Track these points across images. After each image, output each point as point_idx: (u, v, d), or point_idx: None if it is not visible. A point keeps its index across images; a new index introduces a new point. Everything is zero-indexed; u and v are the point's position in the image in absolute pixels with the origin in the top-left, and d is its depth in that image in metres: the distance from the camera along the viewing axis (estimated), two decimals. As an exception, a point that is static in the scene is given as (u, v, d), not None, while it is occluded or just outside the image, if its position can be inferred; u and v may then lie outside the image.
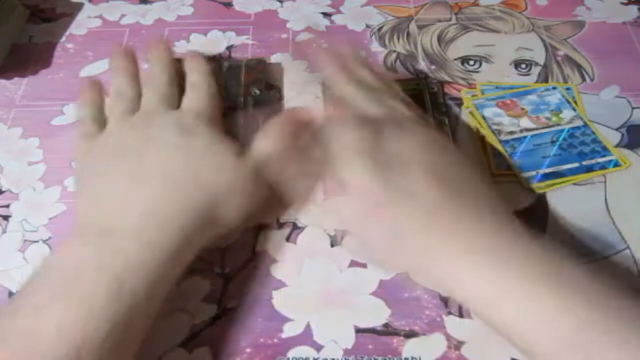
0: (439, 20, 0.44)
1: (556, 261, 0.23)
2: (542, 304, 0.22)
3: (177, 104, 0.32)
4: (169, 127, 0.29)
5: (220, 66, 0.39)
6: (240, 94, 0.37)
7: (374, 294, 0.29)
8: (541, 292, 0.22)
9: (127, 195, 0.27)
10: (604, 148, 0.34)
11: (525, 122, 0.36)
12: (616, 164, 0.34)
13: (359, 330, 0.28)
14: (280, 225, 0.32)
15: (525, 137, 0.35)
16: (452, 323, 0.28)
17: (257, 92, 0.37)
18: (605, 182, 0.33)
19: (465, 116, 0.37)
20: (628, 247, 0.30)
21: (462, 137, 0.36)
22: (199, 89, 0.32)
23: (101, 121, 0.32)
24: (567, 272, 0.23)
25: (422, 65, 0.40)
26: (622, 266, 0.30)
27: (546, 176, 0.33)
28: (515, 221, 0.25)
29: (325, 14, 0.44)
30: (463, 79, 0.39)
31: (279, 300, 0.29)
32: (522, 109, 0.37)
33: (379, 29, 0.43)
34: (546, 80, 0.39)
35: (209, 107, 0.31)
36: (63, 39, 0.43)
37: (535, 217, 0.32)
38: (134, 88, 0.33)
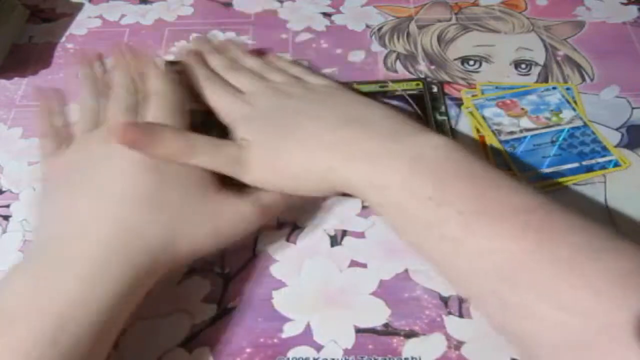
0: (439, 20, 0.44)
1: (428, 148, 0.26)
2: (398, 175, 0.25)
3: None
4: None
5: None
6: None
7: (374, 294, 0.29)
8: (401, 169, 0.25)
9: (77, 221, 0.25)
10: (604, 148, 0.34)
11: (525, 122, 0.36)
12: (616, 164, 0.34)
13: (359, 330, 0.28)
14: (280, 225, 0.32)
15: (525, 137, 0.35)
16: (452, 323, 0.28)
17: None
18: (605, 182, 0.33)
19: (465, 116, 0.37)
20: (628, 247, 0.30)
21: (462, 137, 0.36)
22: (160, 97, 0.30)
23: (63, 137, 0.31)
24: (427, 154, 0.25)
25: (422, 65, 0.40)
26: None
27: (546, 176, 0.33)
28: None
29: (325, 14, 0.44)
30: (463, 79, 0.39)
31: (279, 300, 0.29)
32: (522, 109, 0.37)
33: (379, 29, 0.43)
34: (546, 80, 0.39)
35: (170, 119, 0.29)
36: (63, 39, 0.43)
37: (535, 217, 0.32)
38: (99, 100, 0.31)
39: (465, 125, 0.36)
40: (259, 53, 0.37)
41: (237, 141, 0.29)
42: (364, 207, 0.32)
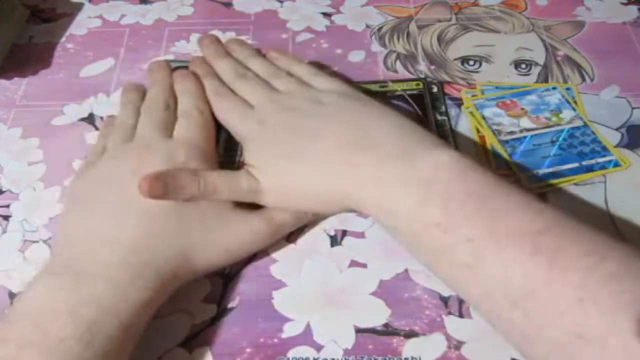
0: (439, 20, 0.44)
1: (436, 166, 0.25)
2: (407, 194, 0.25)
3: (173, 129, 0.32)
4: (159, 159, 0.29)
5: None
6: None
7: (374, 294, 0.29)
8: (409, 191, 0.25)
9: (106, 230, 0.26)
10: (604, 148, 0.34)
11: (525, 122, 0.36)
12: (616, 164, 0.34)
13: (359, 330, 0.28)
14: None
15: (525, 137, 0.35)
16: (452, 323, 0.28)
17: None
18: (605, 182, 0.33)
19: (465, 116, 0.37)
20: (628, 247, 0.30)
21: (462, 137, 0.36)
22: (190, 117, 0.32)
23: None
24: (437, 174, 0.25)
25: (422, 65, 0.40)
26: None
27: (546, 176, 0.33)
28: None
29: (325, 14, 0.44)
30: (463, 79, 0.39)
31: (279, 300, 0.29)
32: (522, 109, 0.37)
33: (379, 29, 0.43)
34: (546, 80, 0.39)
35: (201, 138, 0.31)
36: (63, 39, 0.43)
37: (535, 217, 0.32)
38: (135, 119, 0.33)
39: (465, 125, 0.36)
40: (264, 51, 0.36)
41: (249, 166, 0.30)
42: (364, 207, 0.32)
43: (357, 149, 0.27)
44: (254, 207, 0.30)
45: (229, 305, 0.29)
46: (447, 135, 0.35)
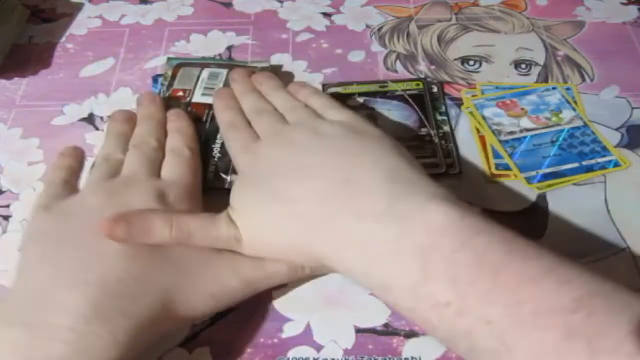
0: (439, 20, 0.44)
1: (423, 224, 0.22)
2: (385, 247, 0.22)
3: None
4: (147, 198, 0.27)
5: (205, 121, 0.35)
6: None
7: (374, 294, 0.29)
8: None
9: (73, 272, 0.23)
10: (604, 148, 0.34)
11: (525, 122, 0.36)
12: (616, 164, 0.34)
13: (359, 330, 0.28)
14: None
15: (525, 137, 0.35)
16: (452, 323, 0.28)
17: None
18: (605, 182, 0.33)
19: (465, 116, 0.37)
20: (628, 247, 0.30)
21: (462, 137, 0.36)
22: (180, 156, 0.30)
23: (70, 187, 0.30)
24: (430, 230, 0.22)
25: (422, 65, 0.40)
26: (622, 266, 0.30)
27: (546, 176, 0.33)
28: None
29: (325, 14, 0.44)
30: (463, 79, 0.39)
31: (279, 300, 0.29)
32: (522, 109, 0.37)
33: (379, 29, 0.43)
34: (546, 81, 0.39)
35: (190, 180, 0.29)
36: (63, 39, 0.43)
37: (535, 218, 0.32)
38: (123, 153, 0.31)
39: (465, 125, 0.36)
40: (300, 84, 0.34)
41: (230, 209, 0.27)
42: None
43: (335, 196, 0.24)
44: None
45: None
46: (447, 136, 0.35)
